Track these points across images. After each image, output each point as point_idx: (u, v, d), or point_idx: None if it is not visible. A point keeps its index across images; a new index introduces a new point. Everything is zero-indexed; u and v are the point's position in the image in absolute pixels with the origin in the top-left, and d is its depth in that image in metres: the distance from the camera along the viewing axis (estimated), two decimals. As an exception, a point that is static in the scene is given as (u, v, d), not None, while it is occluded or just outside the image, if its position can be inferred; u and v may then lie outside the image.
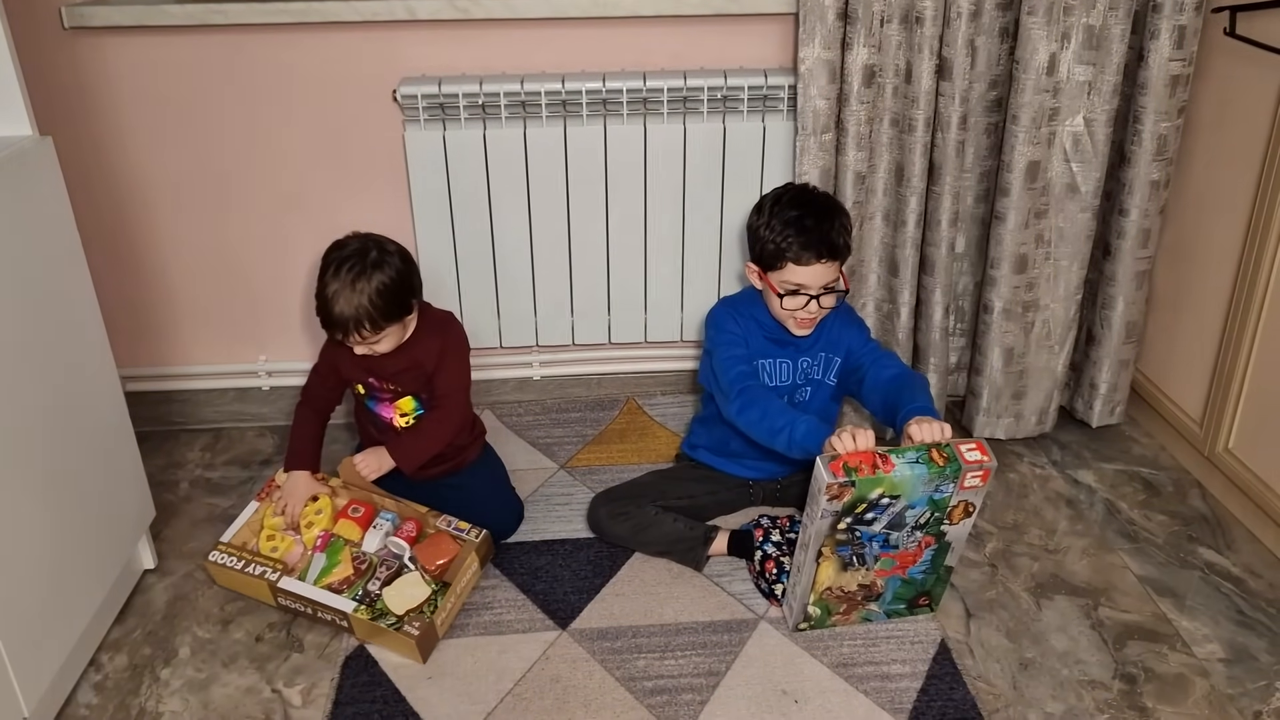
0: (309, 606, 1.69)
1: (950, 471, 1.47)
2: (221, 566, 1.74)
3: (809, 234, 1.71)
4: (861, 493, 1.46)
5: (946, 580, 1.67)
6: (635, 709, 1.54)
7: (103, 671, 1.63)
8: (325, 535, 1.77)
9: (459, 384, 1.87)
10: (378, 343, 1.74)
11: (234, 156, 2.11)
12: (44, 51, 1.96)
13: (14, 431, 1.42)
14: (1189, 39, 1.88)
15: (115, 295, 2.15)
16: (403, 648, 1.63)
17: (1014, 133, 1.95)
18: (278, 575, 1.71)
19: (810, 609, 1.63)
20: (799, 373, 1.86)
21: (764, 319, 1.84)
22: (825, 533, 1.51)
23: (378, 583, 1.68)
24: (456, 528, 1.78)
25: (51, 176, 1.55)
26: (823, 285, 1.74)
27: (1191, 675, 1.61)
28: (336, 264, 1.69)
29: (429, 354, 1.82)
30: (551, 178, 2.11)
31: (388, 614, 1.63)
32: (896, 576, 1.63)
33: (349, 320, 1.68)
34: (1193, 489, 2.06)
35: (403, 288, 1.72)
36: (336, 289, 1.67)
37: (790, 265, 1.73)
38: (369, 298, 1.67)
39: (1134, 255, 2.05)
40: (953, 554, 1.63)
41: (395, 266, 1.71)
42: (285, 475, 1.86)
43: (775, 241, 1.73)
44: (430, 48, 2.05)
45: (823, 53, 1.92)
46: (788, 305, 1.76)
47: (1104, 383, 2.18)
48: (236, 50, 2.01)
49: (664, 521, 1.82)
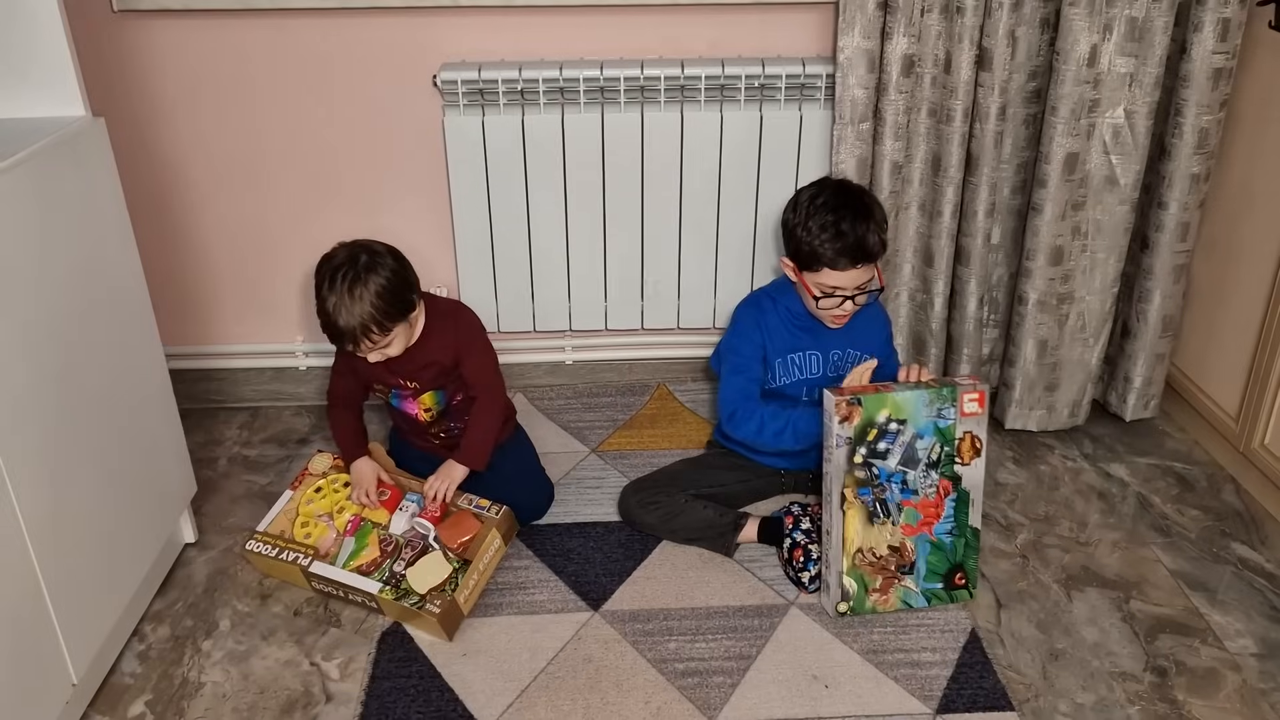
0: (340, 589, 1.72)
1: (947, 393, 1.56)
2: (259, 554, 1.77)
3: (845, 239, 1.71)
4: (869, 413, 1.53)
5: (976, 549, 1.67)
6: (666, 690, 1.56)
7: (146, 642, 1.67)
8: (355, 520, 1.79)
9: (489, 367, 1.88)
10: (388, 346, 1.71)
11: (275, 139, 2.14)
12: (95, 34, 2.00)
13: (67, 406, 1.45)
14: (1233, 32, 1.86)
15: (158, 274, 2.19)
16: (428, 626, 1.66)
17: (1053, 124, 1.95)
18: (309, 560, 1.74)
19: (846, 581, 1.61)
20: (829, 365, 1.87)
21: (796, 307, 1.85)
22: (844, 467, 1.54)
23: (403, 563, 1.71)
24: (478, 505, 1.80)
25: (104, 156, 1.58)
26: (857, 286, 1.76)
27: (1223, 669, 1.61)
28: (330, 275, 1.66)
29: (444, 347, 1.81)
30: (588, 164, 2.12)
31: (411, 594, 1.66)
32: (924, 537, 1.62)
33: (355, 329, 1.65)
34: (1227, 484, 2.05)
35: (401, 285, 1.69)
36: (336, 301, 1.64)
37: (826, 270, 1.73)
38: (370, 302, 1.64)
39: (1172, 249, 2.04)
40: (974, 509, 1.63)
41: (389, 266, 1.68)
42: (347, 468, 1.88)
43: (811, 244, 1.73)
44: (471, 33, 2.06)
45: (862, 42, 1.92)
46: (823, 305, 1.78)
47: (1138, 376, 2.17)
48: (280, 34, 2.04)
49: (694, 509, 1.84)
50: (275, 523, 1.82)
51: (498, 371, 1.90)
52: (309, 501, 1.84)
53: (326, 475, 1.88)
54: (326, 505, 1.82)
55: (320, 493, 1.85)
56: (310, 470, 1.90)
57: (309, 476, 1.89)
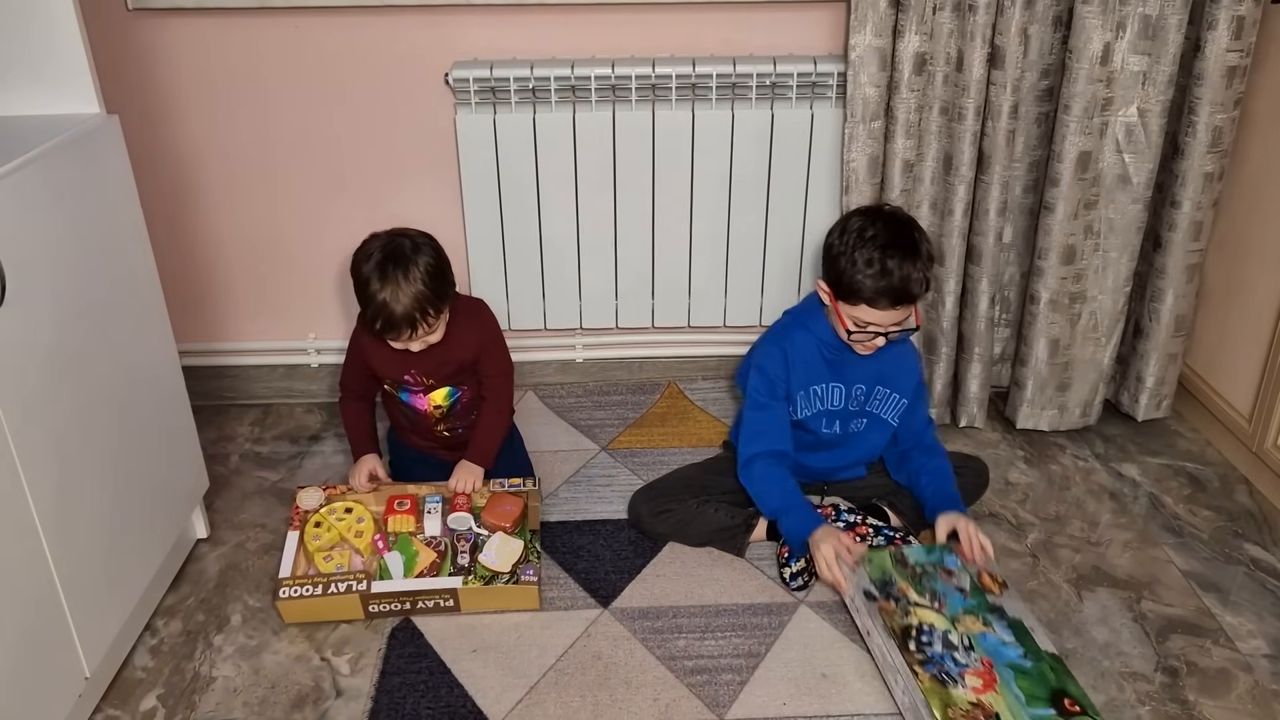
0: (407, 601, 1.67)
1: (940, 547, 1.70)
2: (297, 600, 1.65)
3: (889, 278, 1.63)
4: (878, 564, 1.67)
5: (1069, 673, 1.52)
6: (675, 687, 1.56)
7: (158, 636, 1.68)
8: (381, 536, 1.77)
9: (505, 368, 1.89)
10: (433, 332, 1.71)
11: (288, 137, 2.15)
12: (110, 32, 2.01)
13: (81, 401, 1.46)
14: (1247, 30, 1.85)
15: (171, 271, 2.20)
16: (522, 599, 1.67)
17: (1065, 122, 1.94)
18: (365, 584, 1.67)
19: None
20: (851, 399, 1.84)
21: (825, 335, 1.79)
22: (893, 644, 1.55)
23: (465, 556, 1.71)
24: (510, 484, 1.82)
25: (118, 154, 1.59)
26: (891, 325, 1.70)
27: (1235, 670, 1.60)
28: (378, 267, 1.65)
29: (465, 343, 1.82)
30: (599, 162, 2.12)
31: (498, 575, 1.67)
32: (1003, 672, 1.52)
33: (413, 314, 1.64)
34: (1239, 485, 2.04)
35: (444, 264, 1.72)
36: (390, 290, 1.63)
37: (864, 306, 1.67)
38: (423, 283, 1.64)
39: (1185, 248, 2.03)
40: (1038, 635, 1.56)
41: (431, 247, 1.71)
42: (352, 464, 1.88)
43: (853, 278, 1.65)
44: (482, 31, 2.07)
45: (874, 40, 1.92)
46: (854, 338, 1.72)
47: (1151, 376, 2.16)
48: (294, 32, 2.05)
49: (705, 514, 1.83)
50: (295, 567, 1.73)
51: (511, 373, 1.91)
52: (315, 538, 1.77)
53: (320, 509, 1.82)
54: (334, 537, 1.77)
55: (322, 526, 1.79)
56: (301, 506, 1.82)
57: (304, 513, 1.81)
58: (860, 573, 1.65)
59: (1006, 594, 1.64)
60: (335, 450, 2.18)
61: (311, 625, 1.70)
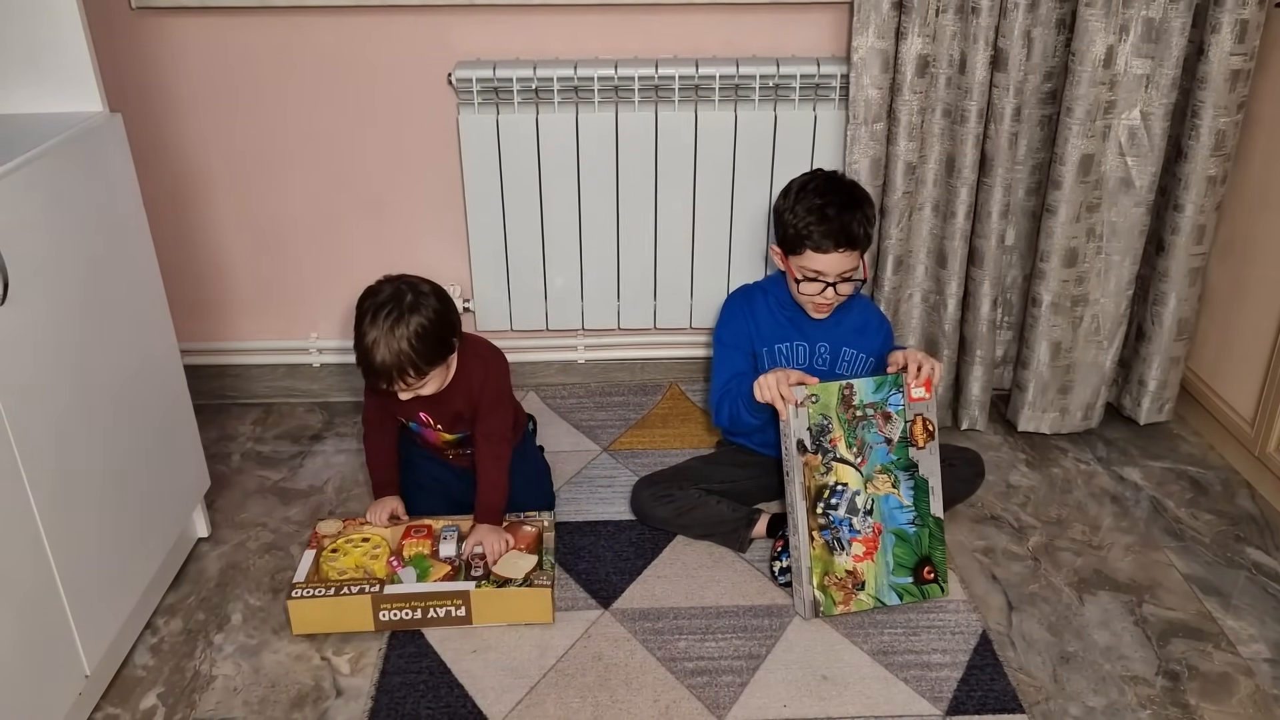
0: (418, 607, 1.65)
1: (892, 379, 1.67)
2: (308, 600, 1.64)
3: (829, 223, 1.74)
4: (824, 404, 1.64)
5: (942, 541, 1.71)
6: (676, 688, 1.56)
7: (159, 635, 1.68)
8: (396, 558, 1.75)
9: (499, 429, 1.81)
10: (422, 387, 1.69)
11: (291, 136, 2.15)
12: (113, 31, 2.01)
13: (82, 399, 1.46)
14: (1251, 33, 1.85)
15: (173, 270, 2.20)
16: (534, 605, 1.66)
17: (1068, 125, 1.94)
18: (378, 586, 1.65)
19: (817, 595, 1.67)
20: (816, 357, 1.89)
21: (784, 297, 1.89)
22: (798, 460, 1.62)
23: (479, 570, 1.70)
24: (525, 516, 1.82)
25: (121, 153, 1.59)
26: (840, 273, 1.78)
27: (1236, 674, 1.60)
28: (373, 311, 1.63)
29: (466, 400, 1.78)
30: (602, 163, 2.12)
31: (511, 580, 1.67)
32: (886, 534, 1.68)
33: (390, 369, 1.62)
34: (1241, 489, 2.04)
35: (442, 327, 1.66)
36: (375, 337, 1.61)
37: (809, 252, 1.77)
38: (409, 342, 1.61)
39: (1188, 251, 2.03)
40: (934, 497, 1.69)
41: (432, 307, 1.65)
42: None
43: (796, 227, 1.77)
44: (485, 32, 2.07)
45: (876, 42, 1.92)
46: (805, 290, 1.81)
47: (1153, 379, 2.16)
48: (297, 32, 2.05)
49: (707, 504, 1.84)
50: (308, 576, 1.71)
51: (510, 427, 1.84)
52: (330, 560, 1.75)
53: (340, 535, 1.80)
54: (350, 562, 1.74)
55: (339, 552, 1.76)
56: (320, 532, 1.80)
57: (321, 539, 1.79)
58: (802, 415, 1.63)
59: (930, 445, 1.68)
60: (336, 450, 2.19)
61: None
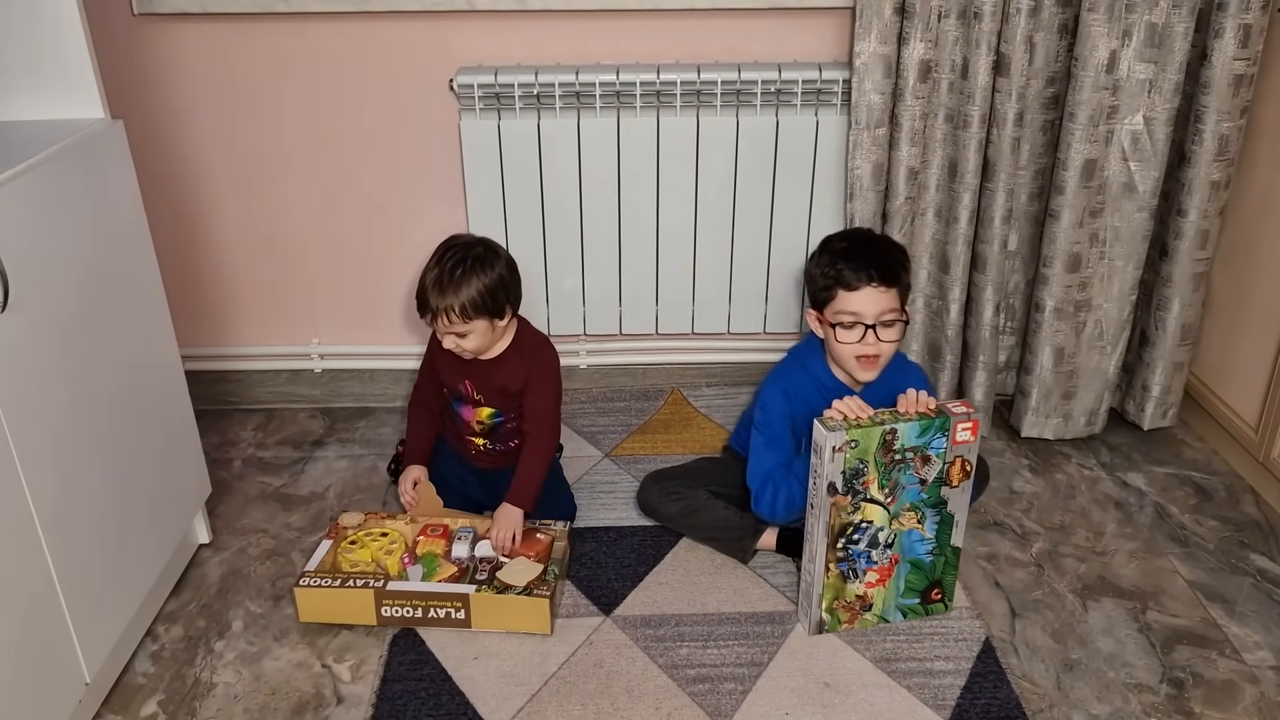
0: (420, 606, 1.66)
1: (939, 423, 1.57)
2: (315, 589, 1.67)
3: (857, 259, 1.66)
4: (862, 449, 1.55)
5: (955, 567, 1.69)
6: (677, 696, 1.55)
7: (159, 642, 1.68)
8: (410, 554, 1.75)
9: (550, 408, 1.86)
10: (464, 337, 1.75)
11: (293, 142, 2.15)
12: (115, 37, 2.02)
13: (83, 405, 1.46)
14: (1254, 38, 1.85)
15: (175, 275, 2.20)
16: (532, 615, 1.65)
17: (1071, 130, 1.93)
18: (383, 581, 1.67)
19: (824, 615, 1.67)
20: None
21: (823, 375, 1.76)
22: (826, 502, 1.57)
23: (484, 574, 1.70)
24: (541, 523, 1.82)
25: (122, 158, 1.59)
26: (878, 314, 1.65)
27: (1241, 682, 1.59)
28: (443, 251, 1.75)
29: (515, 375, 1.83)
30: (604, 168, 2.12)
31: (512, 588, 1.66)
32: (902, 563, 1.67)
33: (436, 300, 1.71)
34: (1246, 495, 2.03)
35: (499, 289, 1.74)
36: (437, 274, 1.72)
37: (841, 293, 1.66)
38: (462, 282, 1.70)
39: (1191, 256, 2.03)
40: (956, 530, 1.66)
41: (498, 269, 1.74)
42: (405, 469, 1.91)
43: (824, 272, 1.68)
44: (487, 38, 2.07)
45: (879, 47, 1.92)
46: (844, 339, 1.67)
47: (1156, 385, 2.15)
48: (298, 37, 2.05)
49: (715, 507, 1.83)
50: (320, 567, 1.74)
51: (557, 415, 1.89)
52: (347, 551, 1.76)
53: (360, 528, 1.82)
54: (366, 555, 1.75)
55: (357, 544, 1.78)
56: (342, 524, 1.83)
57: (342, 529, 1.82)
58: (838, 460, 1.56)
59: (964, 484, 1.64)
60: (338, 455, 2.18)
61: (314, 630, 1.69)
